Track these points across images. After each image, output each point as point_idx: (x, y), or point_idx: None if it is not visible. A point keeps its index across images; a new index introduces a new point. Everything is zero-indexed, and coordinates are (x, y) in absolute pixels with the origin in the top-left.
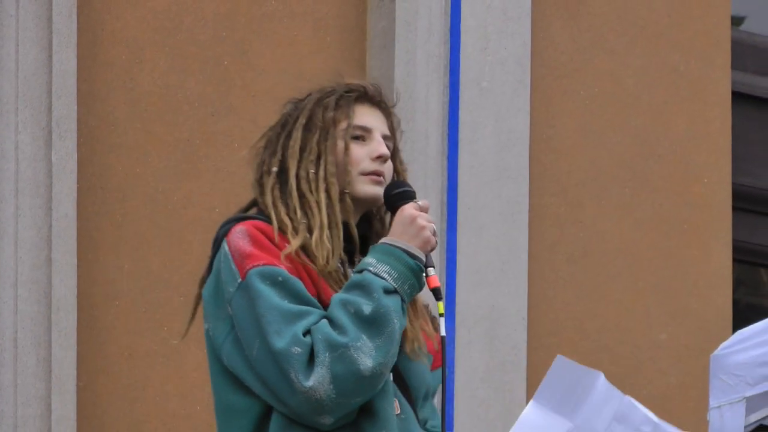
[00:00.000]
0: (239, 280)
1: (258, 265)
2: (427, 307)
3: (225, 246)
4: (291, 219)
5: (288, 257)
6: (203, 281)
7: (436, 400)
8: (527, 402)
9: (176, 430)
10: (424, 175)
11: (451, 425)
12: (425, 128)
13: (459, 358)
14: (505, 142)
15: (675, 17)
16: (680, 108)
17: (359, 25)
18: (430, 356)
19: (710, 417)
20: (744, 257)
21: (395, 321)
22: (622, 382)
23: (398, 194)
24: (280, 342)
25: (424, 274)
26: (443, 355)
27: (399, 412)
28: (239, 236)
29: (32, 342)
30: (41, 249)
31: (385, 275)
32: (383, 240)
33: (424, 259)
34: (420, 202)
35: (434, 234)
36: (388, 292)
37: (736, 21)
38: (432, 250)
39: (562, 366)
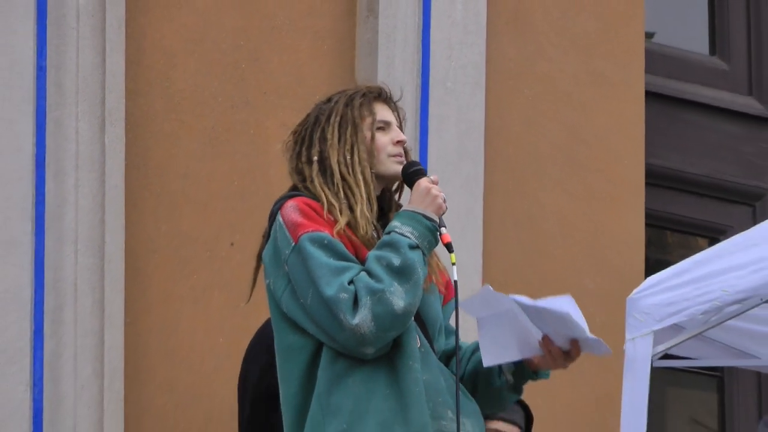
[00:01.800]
0: (293, 244)
1: (307, 231)
2: None
3: (279, 218)
4: (338, 200)
5: (328, 226)
6: (261, 249)
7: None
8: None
9: (202, 357)
10: None
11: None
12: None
13: None
14: (465, 131)
15: (600, 32)
16: (604, 104)
17: (350, 36)
18: (441, 295)
19: (626, 348)
20: (654, 222)
21: (419, 270)
22: None
23: (414, 171)
24: (330, 290)
25: (438, 233)
26: (456, 299)
27: (420, 345)
28: (291, 210)
29: (89, 287)
30: (96, 213)
31: (409, 234)
32: (405, 207)
33: (438, 221)
34: (432, 177)
35: (444, 201)
36: (412, 247)
37: (649, 35)
38: (443, 213)
39: (465, 306)
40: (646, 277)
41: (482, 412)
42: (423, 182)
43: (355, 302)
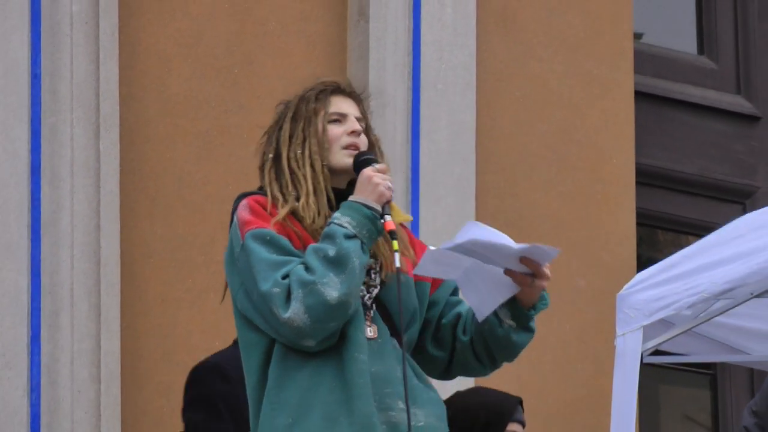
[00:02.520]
0: (241, 242)
1: (252, 229)
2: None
3: (234, 217)
4: (282, 193)
5: (278, 223)
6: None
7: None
8: None
9: (199, 360)
10: (392, 158)
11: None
12: (393, 121)
13: None
14: (456, 132)
15: (589, 32)
16: (593, 104)
17: (341, 40)
18: (426, 283)
19: (616, 343)
20: (644, 221)
21: (355, 259)
22: (549, 319)
23: (362, 161)
24: (265, 285)
25: (381, 221)
26: (398, 288)
27: (375, 336)
28: (242, 209)
29: (85, 291)
30: (91, 218)
31: (346, 224)
32: (349, 198)
33: (380, 209)
34: (377, 165)
35: (389, 189)
36: (348, 237)
37: (637, 36)
38: (387, 202)
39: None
40: None
41: (513, 356)
42: (366, 171)
43: (289, 296)
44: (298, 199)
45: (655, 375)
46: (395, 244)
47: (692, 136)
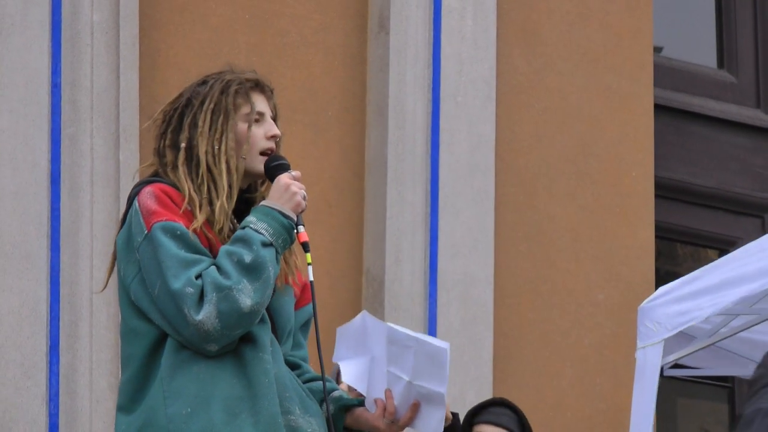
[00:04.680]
0: (145, 232)
1: (161, 221)
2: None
3: (135, 203)
4: (200, 194)
5: (184, 216)
6: (117, 234)
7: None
8: (493, 350)
9: None
10: (413, 170)
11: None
12: (413, 134)
13: (440, 314)
14: (476, 144)
15: (609, 46)
16: (613, 117)
17: (360, 53)
18: (294, 297)
19: (637, 356)
20: (664, 234)
21: (270, 269)
22: (568, 332)
23: (276, 166)
24: (176, 283)
25: (295, 231)
26: (313, 299)
27: (271, 341)
28: (147, 196)
29: (104, 301)
30: (111, 228)
31: (263, 231)
32: (262, 203)
33: (295, 218)
34: (293, 173)
35: (304, 198)
36: (265, 245)
37: (657, 49)
38: (302, 211)
39: (341, 332)
40: (656, 289)
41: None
42: (283, 178)
43: (201, 297)
44: (211, 202)
45: (673, 388)
46: (308, 257)
47: (711, 150)
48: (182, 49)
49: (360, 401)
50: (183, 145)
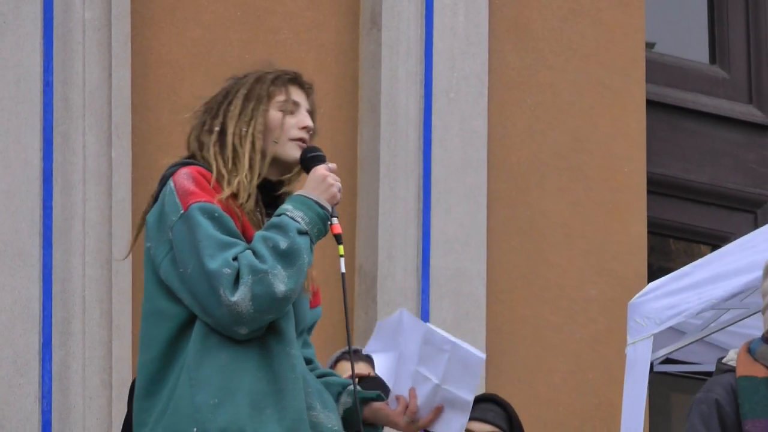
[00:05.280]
0: (182, 211)
1: (199, 201)
2: None
3: (171, 183)
4: (227, 170)
5: (221, 201)
6: (146, 212)
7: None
8: (486, 345)
9: None
10: (405, 166)
11: None
12: (405, 129)
13: (432, 309)
14: (468, 140)
15: (601, 42)
16: (605, 113)
17: (353, 49)
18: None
19: (627, 351)
20: (656, 230)
21: (305, 256)
22: (561, 328)
23: (312, 157)
24: (213, 263)
25: (329, 222)
26: (344, 292)
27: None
28: (184, 177)
29: (96, 299)
30: (103, 226)
31: (300, 219)
32: (299, 192)
33: (330, 210)
34: (330, 165)
35: (339, 191)
36: (300, 232)
37: (649, 45)
38: (337, 203)
39: (380, 326)
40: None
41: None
42: (320, 169)
43: (237, 280)
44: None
45: (666, 383)
46: (340, 249)
47: (704, 146)
48: (174, 46)
49: (377, 395)
50: (216, 129)
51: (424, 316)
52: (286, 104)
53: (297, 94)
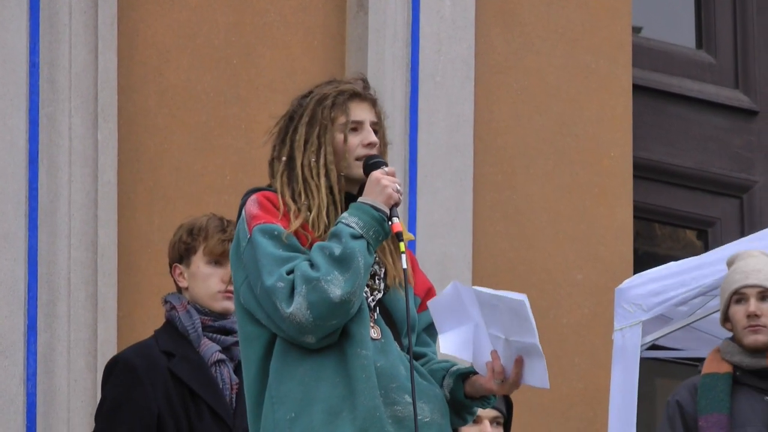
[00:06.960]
0: (248, 236)
1: (260, 223)
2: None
3: (243, 211)
4: (295, 201)
5: (284, 219)
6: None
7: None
8: None
9: None
10: (391, 150)
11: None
12: (392, 113)
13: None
14: (455, 124)
15: (587, 26)
16: (591, 97)
17: (340, 32)
18: (418, 298)
19: (614, 337)
20: (642, 215)
21: (360, 259)
22: (546, 312)
23: (371, 165)
24: (270, 280)
25: (388, 222)
26: (405, 285)
27: (379, 337)
28: (251, 204)
29: (82, 281)
30: (89, 208)
31: (353, 224)
32: (358, 200)
33: (387, 211)
34: (386, 168)
35: (398, 192)
36: (354, 237)
37: (636, 29)
38: (396, 204)
39: (433, 305)
40: (634, 269)
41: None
42: (375, 174)
43: (292, 291)
44: (309, 209)
45: (651, 368)
46: (402, 246)
47: (690, 130)
48: (161, 28)
49: (473, 369)
50: (284, 158)
51: None
52: (348, 125)
53: (359, 110)
